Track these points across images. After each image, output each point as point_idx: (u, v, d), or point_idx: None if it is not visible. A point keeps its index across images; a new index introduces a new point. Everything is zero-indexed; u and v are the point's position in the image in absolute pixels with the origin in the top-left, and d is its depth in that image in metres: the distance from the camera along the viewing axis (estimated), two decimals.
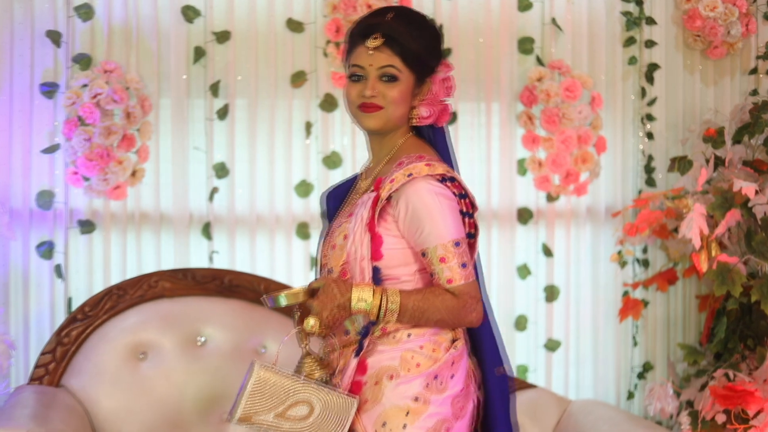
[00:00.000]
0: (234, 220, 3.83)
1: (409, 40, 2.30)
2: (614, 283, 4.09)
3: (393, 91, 2.30)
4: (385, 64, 2.29)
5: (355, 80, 2.33)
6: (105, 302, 3.47)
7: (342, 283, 2.22)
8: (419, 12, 2.40)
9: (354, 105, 2.34)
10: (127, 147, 3.70)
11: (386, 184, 2.26)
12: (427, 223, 2.24)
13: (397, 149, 2.36)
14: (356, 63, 2.32)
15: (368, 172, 2.42)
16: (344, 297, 2.20)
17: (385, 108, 2.30)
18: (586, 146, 3.97)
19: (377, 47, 2.29)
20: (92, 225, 3.75)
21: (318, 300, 2.20)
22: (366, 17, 2.37)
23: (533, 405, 3.63)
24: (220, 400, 3.40)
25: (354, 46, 2.34)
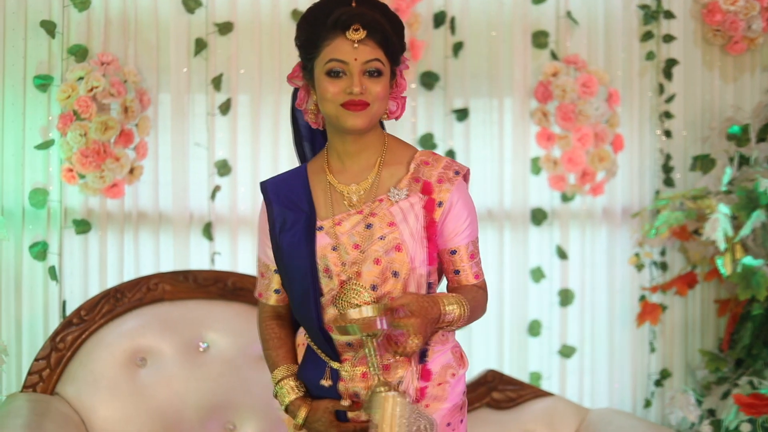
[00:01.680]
0: (236, 220, 3.67)
1: (389, 30, 2.17)
2: (630, 286, 3.94)
3: (378, 87, 2.16)
4: (371, 57, 2.15)
5: (334, 76, 2.16)
6: (102, 306, 3.30)
7: (425, 297, 2.13)
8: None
9: (335, 103, 2.16)
10: (124, 143, 3.54)
11: (441, 187, 2.20)
12: (466, 221, 2.24)
13: (386, 148, 2.26)
14: (337, 57, 2.14)
15: (351, 174, 2.24)
16: (435, 311, 2.12)
17: (371, 105, 2.16)
18: (602, 144, 3.82)
19: (361, 40, 2.13)
20: (88, 225, 3.58)
21: (418, 319, 2.06)
22: (327, 3, 2.17)
23: (550, 414, 3.47)
24: (222, 409, 3.24)
25: (326, 37, 2.15)
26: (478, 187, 3.83)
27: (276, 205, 2.27)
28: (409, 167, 2.24)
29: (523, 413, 3.49)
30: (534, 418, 3.47)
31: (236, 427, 3.26)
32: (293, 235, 2.23)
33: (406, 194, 2.21)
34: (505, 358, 3.82)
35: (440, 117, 3.80)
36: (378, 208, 2.21)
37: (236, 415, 3.25)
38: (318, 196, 2.26)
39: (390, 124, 2.41)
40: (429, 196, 2.20)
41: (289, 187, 2.29)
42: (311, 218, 2.23)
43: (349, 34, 2.13)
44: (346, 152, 2.25)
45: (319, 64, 2.17)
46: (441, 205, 2.21)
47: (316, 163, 2.31)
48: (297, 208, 2.25)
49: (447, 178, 2.22)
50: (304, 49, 2.21)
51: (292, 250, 2.22)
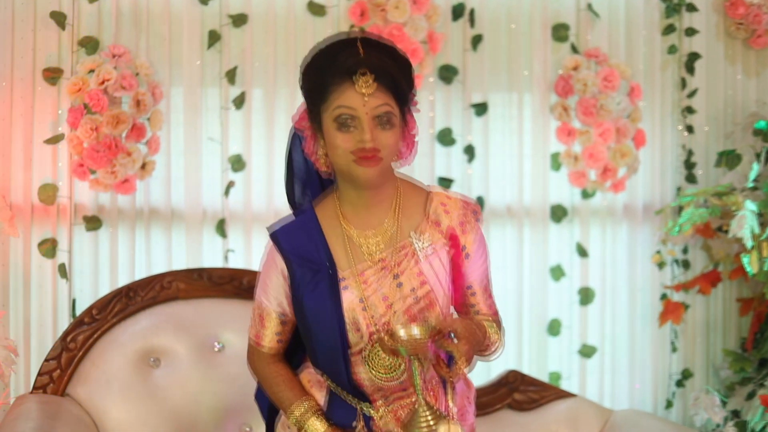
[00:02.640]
0: (250, 216, 3.59)
1: (398, 75, 2.09)
2: (652, 285, 3.86)
3: (391, 137, 2.08)
4: (383, 107, 2.07)
5: (344, 127, 2.07)
6: (114, 304, 3.20)
7: (472, 323, 2.12)
8: (382, 37, 2.17)
9: (346, 155, 2.08)
10: (136, 137, 3.45)
11: (464, 234, 2.20)
12: (482, 258, 2.25)
13: (400, 192, 2.22)
14: (346, 104, 2.06)
15: (367, 222, 2.19)
16: (481, 337, 2.13)
17: (384, 158, 2.09)
18: (624, 140, 3.74)
19: (370, 86, 2.05)
20: (98, 221, 3.50)
21: (468, 344, 2.03)
22: (333, 49, 2.10)
23: (573, 415, 3.39)
24: (238, 411, 3.15)
25: (332, 83, 2.07)
26: (497, 183, 3.75)
27: (295, 264, 2.20)
28: (426, 210, 2.21)
29: (545, 415, 3.40)
30: (556, 420, 3.39)
31: (252, 429, 3.17)
32: (318, 296, 2.18)
33: (429, 242, 2.18)
34: (524, 358, 3.74)
35: (459, 111, 3.71)
36: (403, 260, 2.18)
37: (252, 417, 3.15)
38: (335, 248, 2.20)
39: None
40: (456, 246, 2.19)
41: (304, 240, 2.21)
42: (333, 274, 2.18)
43: (358, 82, 2.05)
44: (363, 204, 2.19)
45: (327, 110, 2.10)
46: (465, 249, 2.21)
47: (327, 209, 2.24)
48: (316, 264, 2.18)
49: (467, 220, 2.22)
50: (311, 96, 2.14)
51: (318, 311, 2.18)
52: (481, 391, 3.36)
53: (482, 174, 3.72)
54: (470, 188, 3.71)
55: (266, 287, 2.27)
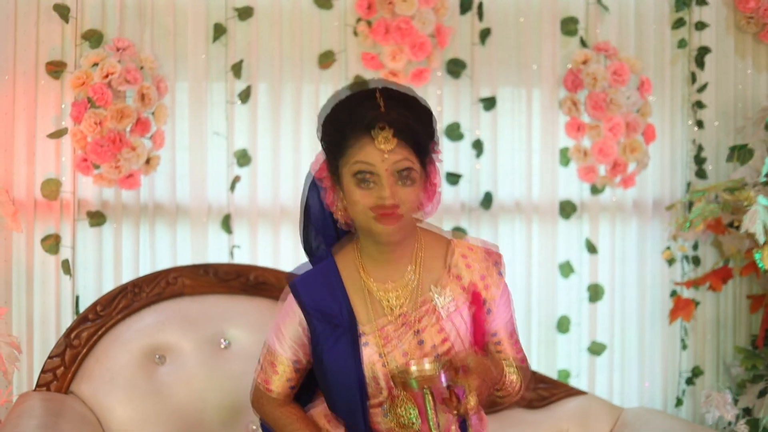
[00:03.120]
0: (256, 212, 3.54)
1: (419, 130, 2.06)
2: (661, 282, 3.82)
3: (412, 194, 2.07)
4: (403, 162, 2.04)
5: (363, 183, 2.06)
6: (119, 301, 3.15)
7: (490, 359, 2.10)
8: (403, 86, 2.13)
9: (366, 212, 2.06)
10: (141, 132, 3.40)
11: (486, 289, 2.18)
12: (506, 306, 2.23)
13: (421, 244, 2.19)
14: (365, 160, 2.04)
15: (388, 275, 2.18)
16: (499, 374, 2.11)
17: (405, 214, 2.07)
18: (634, 134, 3.70)
19: (389, 142, 2.02)
20: (102, 217, 3.45)
21: (480, 378, 2.02)
22: (352, 103, 2.08)
23: (583, 413, 3.34)
24: (245, 409, 3.08)
25: (351, 137, 2.04)
26: (506, 178, 3.70)
27: (315, 318, 2.19)
28: (446, 262, 2.19)
29: (555, 412, 3.35)
30: (567, 418, 3.34)
31: (258, 428, 3.11)
32: (338, 352, 2.17)
33: (451, 298, 2.17)
34: (532, 355, 3.70)
35: (467, 106, 3.66)
36: (424, 316, 2.16)
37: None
38: (356, 302, 2.19)
39: None
40: (478, 303, 2.17)
41: (324, 293, 2.19)
42: (353, 329, 2.17)
43: (377, 138, 2.03)
44: (383, 258, 2.18)
45: (346, 165, 2.08)
46: (486, 303, 2.19)
47: (347, 260, 2.22)
48: (337, 319, 2.17)
49: (489, 274, 2.19)
50: (330, 148, 2.12)
51: (338, 367, 2.17)
52: None
53: (491, 169, 3.68)
54: (478, 183, 3.67)
55: (281, 335, 2.26)
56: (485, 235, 3.67)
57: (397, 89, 2.10)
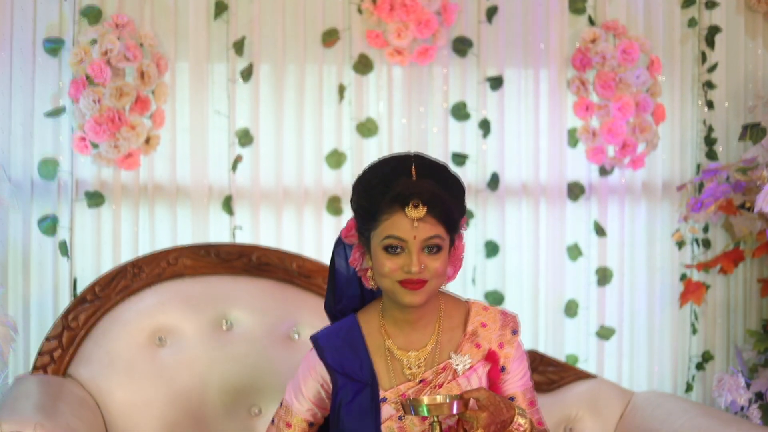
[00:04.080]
0: (258, 193, 3.46)
1: (450, 204, 2.11)
2: (671, 265, 3.75)
3: (438, 263, 2.11)
4: (431, 234, 2.09)
5: (392, 252, 2.11)
6: (118, 281, 3.08)
7: (500, 398, 2.12)
8: (437, 160, 2.17)
9: (392, 279, 2.12)
10: (140, 110, 3.33)
11: (503, 353, 2.22)
12: (522, 371, 2.26)
13: (443, 312, 2.25)
14: (396, 235, 2.09)
15: (410, 341, 2.23)
16: (509, 414, 2.11)
17: (429, 282, 2.12)
18: (644, 114, 3.63)
19: (422, 218, 2.08)
20: (101, 197, 3.37)
21: (488, 413, 2.07)
22: (386, 175, 2.12)
23: (593, 397, 3.27)
24: (248, 392, 3.03)
25: (384, 211, 2.10)
26: (513, 159, 3.63)
27: (339, 376, 2.22)
28: (466, 329, 2.24)
29: (564, 396, 3.29)
30: (577, 402, 3.27)
31: (262, 411, 3.05)
32: (357, 409, 2.21)
33: (469, 362, 2.21)
34: (540, 339, 3.62)
35: (473, 85, 3.59)
36: (442, 378, 2.20)
37: (262, 398, 3.04)
38: (378, 364, 2.23)
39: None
40: (494, 365, 2.22)
41: (348, 353, 2.23)
42: (374, 390, 2.21)
43: (409, 212, 2.08)
44: (406, 321, 2.22)
45: (377, 236, 2.13)
46: (504, 369, 2.23)
47: (371, 322, 2.26)
48: (358, 377, 2.21)
49: (506, 340, 2.24)
50: (362, 218, 2.17)
51: (355, 422, 2.20)
52: None
53: (497, 150, 3.61)
54: (485, 164, 3.59)
55: (300, 391, 2.28)
56: (492, 217, 3.61)
57: (431, 159, 2.16)
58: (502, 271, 3.62)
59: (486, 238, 3.61)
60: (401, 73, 3.55)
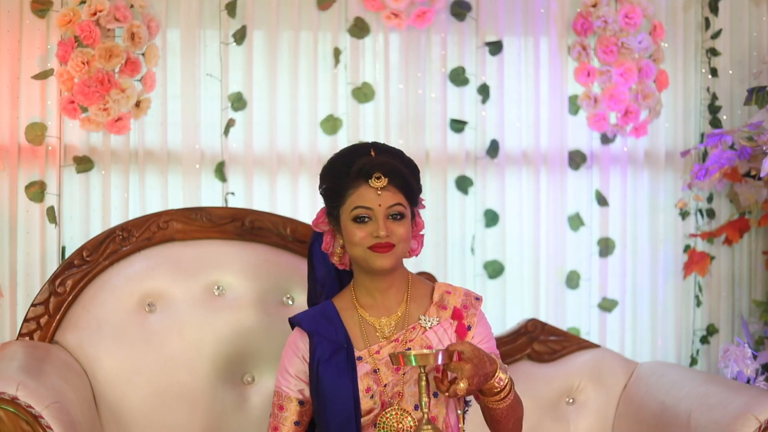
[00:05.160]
0: (251, 159, 3.38)
1: (408, 175, 2.34)
2: (674, 236, 3.66)
3: (401, 229, 2.32)
4: (394, 202, 2.31)
5: (360, 222, 2.31)
6: (107, 246, 2.99)
7: (487, 354, 2.25)
8: (392, 146, 2.42)
9: (363, 247, 2.32)
10: (130, 72, 3.24)
11: (467, 312, 2.40)
12: (489, 335, 2.44)
13: (410, 284, 2.44)
14: (362, 204, 2.31)
15: (382, 309, 2.41)
16: (492, 368, 2.23)
17: (396, 246, 2.32)
18: (646, 80, 3.54)
19: (384, 186, 2.29)
20: (90, 163, 3.29)
21: (472, 365, 2.18)
22: (348, 156, 2.36)
23: (597, 367, 3.19)
24: (240, 359, 2.94)
25: (350, 186, 2.32)
26: (512, 126, 3.55)
27: (316, 339, 2.38)
28: (433, 298, 2.43)
29: (566, 366, 3.21)
30: (579, 372, 3.19)
31: (255, 379, 2.96)
32: (334, 367, 2.35)
33: (437, 320, 2.39)
34: (541, 311, 3.54)
35: (472, 50, 3.51)
36: (412, 335, 2.37)
37: (255, 365, 2.95)
38: (352, 330, 2.39)
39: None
40: (460, 321, 2.39)
41: (324, 322, 2.40)
42: (350, 351, 2.36)
43: (372, 182, 2.29)
44: (377, 288, 2.40)
45: (345, 211, 2.33)
46: (470, 328, 2.39)
47: (344, 300, 2.45)
48: (335, 340, 2.37)
49: (470, 303, 2.42)
50: (330, 197, 2.37)
51: (334, 379, 2.34)
52: (499, 341, 3.14)
53: (497, 117, 3.52)
54: (485, 132, 3.51)
55: (286, 373, 2.42)
56: (491, 186, 3.53)
57: (388, 145, 2.42)
58: (501, 240, 3.54)
59: (485, 206, 3.52)
60: (398, 37, 3.47)
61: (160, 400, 2.89)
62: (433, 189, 3.48)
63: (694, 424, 2.76)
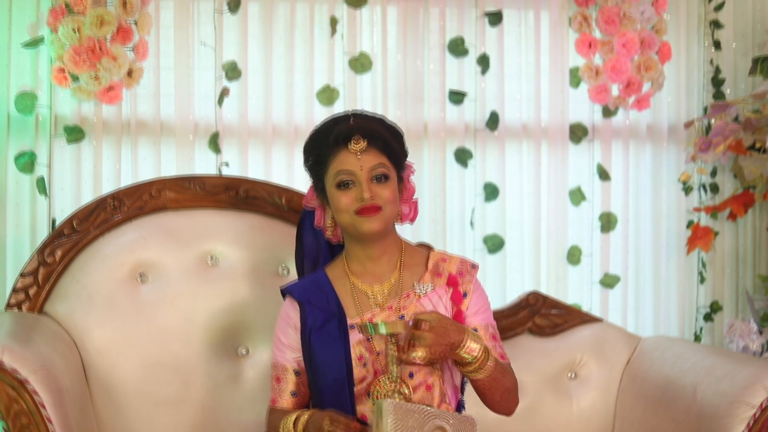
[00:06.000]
0: (246, 130, 3.31)
1: (388, 137, 2.30)
2: (677, 211, 3.60)
3: (386, 191, 2.28)
4: (375, 163, 2.27)
5: (344, 187, 2.28)
6: (97, 214, 2.91)
7: (456, 323, 2.20)
8: (374, 114, 2.38)
9: (349, 212, 2.28)
10: (122, 40, 3.18)
11: (463, 279, 2.35)
12: (484, 307, 2.38)
13: (403, 250, 2.39)
14: (343, 168, 2.27)
15: (374, 277, 2.36)
16: (458, 337, 2.18)
17: (383, 208, 2.28)
18: (649, 51, 3.48)
19: (363, 149, 2.26)
20: (81, 133, 3.22)
21: (433, 333, 2.16)
22: (327, 125, 2.33)
23: (599, 341, 3.11)
24: (234, 331, 2.87)
25: (330, 154, 2.29)
26: (513, 102, 3.48)
27: (308, 308, 2.34)
28: (428, 265, 2.38)
29: (568, 340, 3.13)
30: (581, 346, 3.11)
31: (250, 351, 2.88)
32: (326, 335, 2.31)
33: (432, 287, 2.34)
34: (541, 287, 3.46)
35: (471, 20, 3.44)
36: (406, 302, 2.33)
37: (250, 337, 2.88)
38: (344, 298, 2.35)
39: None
40: (455, 288, 2.34)
41: (315, 291, 2.37)
42: (342, 318, 2.32)
43: (351, 146, 2.26)
44: (368, 256, 2.35)
45: (329, 179, 2.30)
46: (466, 296, 2.34)
47: (336, 269, 2.41)
48: (326, 309, 2.33)
49: (466, 270, 2.38)
50: (313, 170, 2.35)
51: (326, 347, 2.30)
52: (499, 314, 3.09)
53: (497, 89, 3.45)
54: (484, 103, 3.44)
55: (280, 344, 2.38)
56: (491, 160, 3.46)
57: (369, 113, 2.37)
58: (502, 215, 3.47)
59: (485, 180, 3.45)
60: (396, 7, 3.40)
61: (152, 372, 2.81)
62: (432, 162, 3.41)
63: (700, 396, 2.69)
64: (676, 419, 2.77)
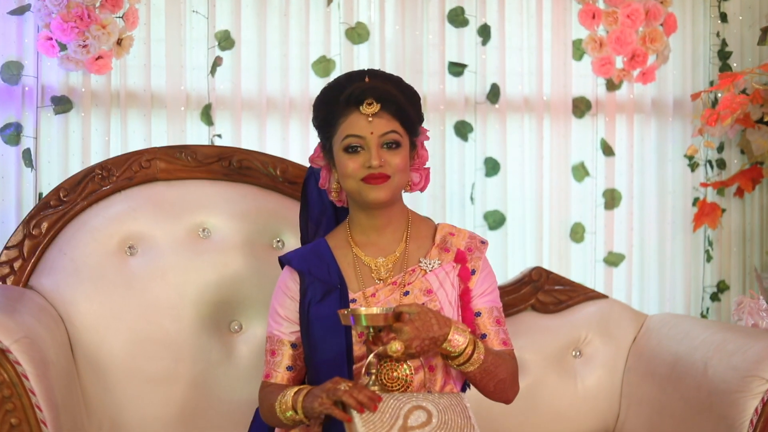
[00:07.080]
0: (239, 101, 3.22)
1: (403, 101, 2.18)
2: (683, 188, 3.52)
3: (397, 158, 2.17)
4: (387, 130, 2.15)
5: (352, 151, 2.16)
6: (85, 185, 2.80)
7: (440, 316, 2.08)
8: (391, 73, 2.25)
9: (356, 178, 2.17)
10: (111, 8, 3.08)
11: (472, 256, 2.26)
12: (490, 287, 2.28)
13: (410, 221, 2.29)
14: (353, 133, 2.15)
15: (378, 248, 2.25)
16: (441, 331, 2.07)
17: (392, 177, 2.17)
18: (654, 23, 3.39)
19: (376, 113, 2.13)
20: (69, 103, 3.13)
21: (412, 326, 2.04)
22: (341, 81, 2.21)
23: (604, 318, 3.01)
24: (227, 305, 2.76)
25: (341, 114, 2.17)
26: (515, 74, 3.40)
27: (308, 279, 2.24)
28: (435, 239, 2.28)
29: (573, 317, 3.03)
30: (586, 324, 3.01)
31: (243, 327, 2.78)
32: (325, 307, 2.20)
33: (438, 263, 2.23)
34: (544, 265, 3.37)
35: None
36: (412, 278, 2.22)
37: (243, 312, 2.78)
38: (346, 270, 2.25)
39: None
40: (463, 264, 2.24)
41: (316, 261, 2.26)
42: (343, 292, 2.22)
43: (363, 109, 2.14)
44: (372, 226, 2.25)
45: (337, 141, 2.18)
46: (474, 273, 2.25)
47: (338, 238, 2.30)
48: (327, 281, 2.23)
49: (475, 246, 2.27)
50: (322, 129, 2.23)
51: (325, 321, 2.19)
52: (501, 290, 2.94)
53: (498, 60, 3.36)
54: (485, 76, 3.35)
55: (277, 315, 2.28)
56: (492, 133, 3.38)
57: (385, 72, 2.23)
58: (503, 190, 3.38)
59: (486, 154, 3.36)
60: None
61: (141, 347, 2.70)
62: (431, 136, 3.29)
63: (711, 372, 2.59)
64: (685, 396, 2.67)
